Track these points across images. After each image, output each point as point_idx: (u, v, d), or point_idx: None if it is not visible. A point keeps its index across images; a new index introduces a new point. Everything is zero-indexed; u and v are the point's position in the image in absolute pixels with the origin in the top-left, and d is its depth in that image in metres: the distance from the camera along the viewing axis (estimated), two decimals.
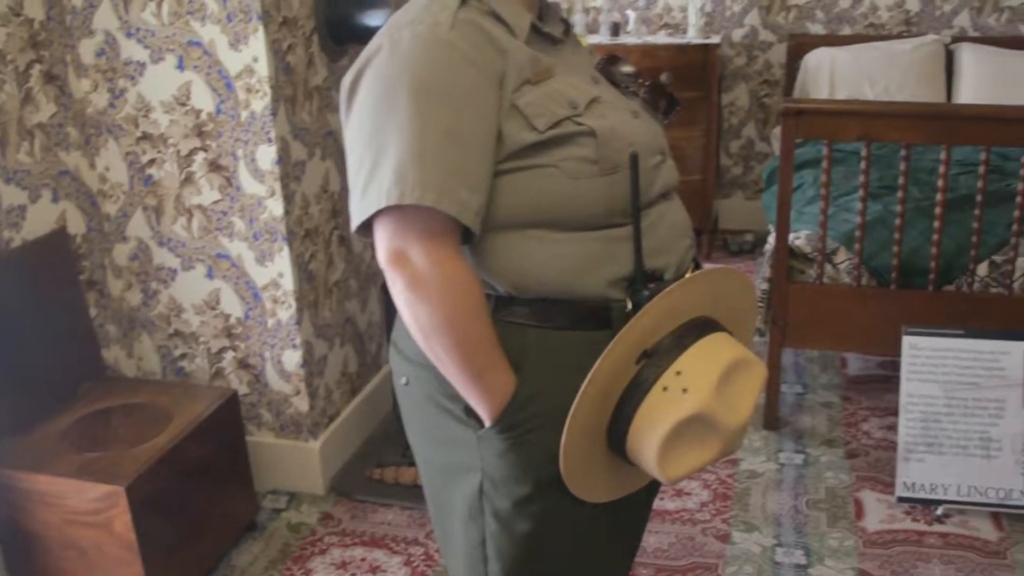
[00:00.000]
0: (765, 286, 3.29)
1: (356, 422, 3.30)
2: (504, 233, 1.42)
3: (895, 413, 3.00)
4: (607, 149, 1.41)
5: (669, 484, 1.42)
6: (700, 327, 1.41)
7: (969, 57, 4.77)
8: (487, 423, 1.44)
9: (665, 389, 1.34)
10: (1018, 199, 3.07)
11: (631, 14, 5.14)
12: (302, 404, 3.01)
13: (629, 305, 1.41)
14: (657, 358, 1.36)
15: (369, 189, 1.36)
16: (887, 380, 3.69)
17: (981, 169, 3.06)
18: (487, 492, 1.50)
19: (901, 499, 2.96)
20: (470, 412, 1.46)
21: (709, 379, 1.34)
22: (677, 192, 1.63)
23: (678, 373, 1.34)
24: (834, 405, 3.59)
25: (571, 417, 1.34)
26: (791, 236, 3.27)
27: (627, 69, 1.64)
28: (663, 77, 1.75)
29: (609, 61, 1.64)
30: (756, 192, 5.37)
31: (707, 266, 1.57)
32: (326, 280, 3.09)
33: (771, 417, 3.40)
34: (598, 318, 1.43)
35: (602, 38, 5.02)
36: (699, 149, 4.85)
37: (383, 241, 1.38)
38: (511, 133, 1.39)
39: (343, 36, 3.01)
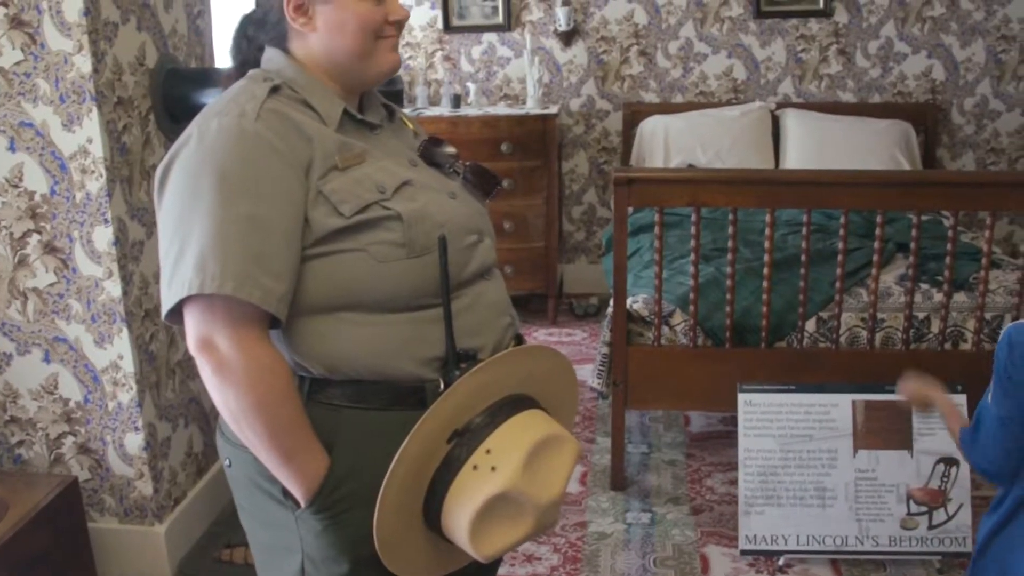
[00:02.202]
0: (606, 350, 3.37)
1: (204, 503, 3.25)
2: (315, 316, 1.46)
3: (737, 467, 3.09)
4: (415, 232, 1.46)
5: (484, 561, 1.45)
6: (512, 405, 1.45)
7: (793, 122, 5.05)
8: (302, 504, 1.46)
9: (475, 468, 1.37)
10: (839, 258, 3.23)
11: (471, 86, 5.26)
12: (146, 488, 2.96)
13: (441, 385, 1.45)
14: (468, 437, 1.40)
15: (174, 278, 1.39)
16: (729, 435, 3.80)
17: (804, 230, 3.21)
18: (308, 572, 1.52)
19: (744, 552, 3.04)
20: (287, 493, 1.48)
21: (517, 457, 1.38)
22: (497, 270, 1.68)
23: (488, 451, 1.38)
24: (679, 463, 3.68)
25: (381, 496, 1.37)
26: (629, 300, 3.37)
27: (449, 150, 1.70)
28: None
29: (432, 143, 1.70)
30: (599, 256, 5.49)
31: (529, 343, 1.62)
32: (168, 360, 3.05)
33: (618, 478, 3.47)
34: (413, 398, 1.47)
35: (443, 110, 5.11)
36: (541, 216, 4.95)
37: (191, 328, 1.41)
38: (318, 219, 1.43)
39: (180, 115, 3.01)
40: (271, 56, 1.59)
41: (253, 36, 1.62)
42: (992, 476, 1.95)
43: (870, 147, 4.82)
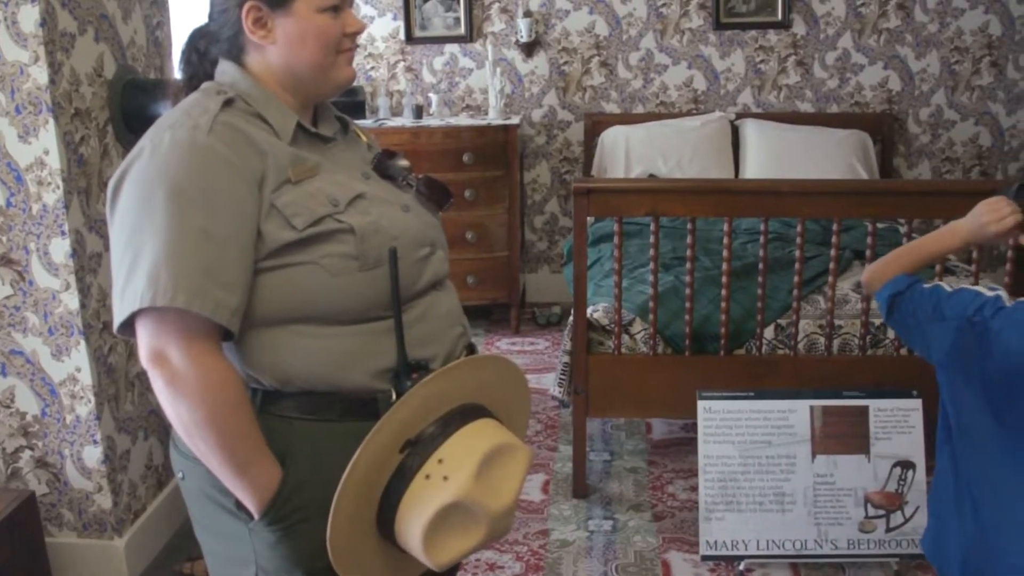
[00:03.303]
0: (567, 359, 3.38)
1: (164, 516, 3.23)
2: (267, 329, 1.46)
3: (698, 474, 3.10)
4: (367, 245, 1.47)
5: (438, 570, 1.46)
6: (465, 414, 1.46)
7: (752, 132, 5.11)
8: (255, 516, 1.47)
9: (427, 477, 1.38)
10: (797, 266, 3.27)
11: (433, 97, 5.28)
12: (105, 501, 2.94)
13: (393, 395, 1.46)
14: (420, 446, 1.41)
15: (126, 290, 1.39)
16: (690, 442, 3.82)
17: (762, 239, 3.24)
18: None
19: (705, 557, 3.06)
20: (240, 505, 1.48)
21: (469, 466, 1.39)
22: (450, 281, 1.69)
23: (440, 461, 1.39)
24: (640, 470, 3.69)
25: (335, 506, 1.37)
26: (590, 309, 3.39)
27: (402, 163, 1.71)
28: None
29: (386, 155, 1.70)
30: (561, 266, 5.51)
31: (482, 352, 1.64)
32: (127, 372, 3.03)
33: (580, 485, 3.48)
34: (365, 409, 1.48)
35: (405, 121, 5.11)
36: (503, 226, 4.96)
37: (143, 341, 1.41)
38: (271, 232, 1.43)
39: (139, 126, 2.99)
40: (225, 69, 1.60)
41: (205, 49, 1.63)
42: (881, 296, 1.95)
43: (828, 156, 4.88)
